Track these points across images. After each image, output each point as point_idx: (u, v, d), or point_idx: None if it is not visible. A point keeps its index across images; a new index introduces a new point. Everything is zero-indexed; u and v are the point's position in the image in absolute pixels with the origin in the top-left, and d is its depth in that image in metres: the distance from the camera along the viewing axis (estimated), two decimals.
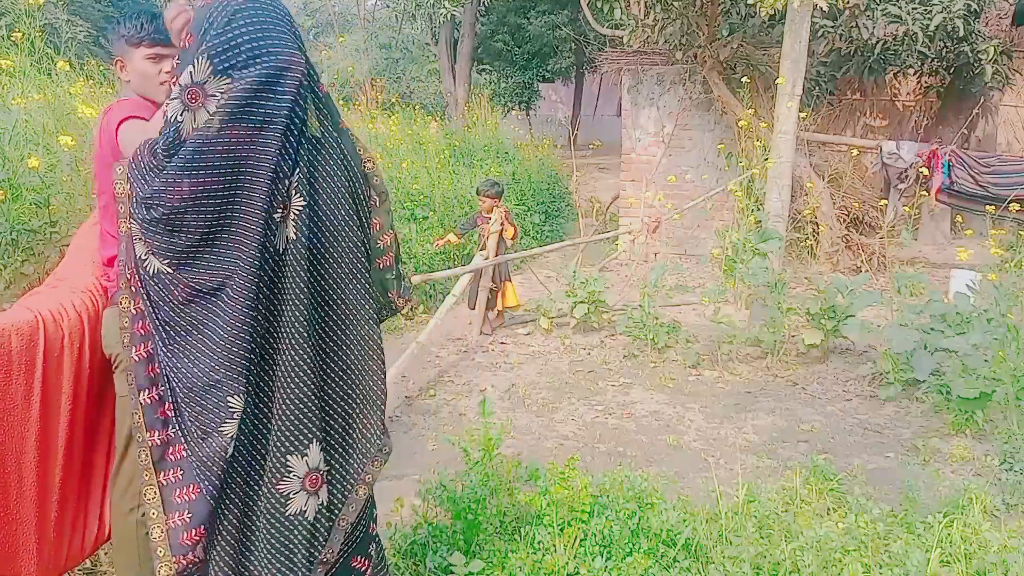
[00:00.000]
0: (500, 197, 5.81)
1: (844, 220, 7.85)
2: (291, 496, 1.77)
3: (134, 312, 1.77)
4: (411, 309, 5.80)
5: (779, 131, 6.01)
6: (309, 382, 1.76)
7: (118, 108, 2.11)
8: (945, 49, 7.87)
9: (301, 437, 1.77)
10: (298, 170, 1.73)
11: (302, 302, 1.75)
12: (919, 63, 8.18)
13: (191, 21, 1.77)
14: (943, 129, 8.61)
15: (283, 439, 1.76)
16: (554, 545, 2.50)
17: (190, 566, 1.74)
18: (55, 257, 3.33)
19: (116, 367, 2.09)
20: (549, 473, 2.78)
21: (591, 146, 11.29)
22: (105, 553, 2.48)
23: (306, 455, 1.78)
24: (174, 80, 1.87)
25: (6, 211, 3.33)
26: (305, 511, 1.79)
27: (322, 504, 1.83)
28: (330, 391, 1.86)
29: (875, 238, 7.64)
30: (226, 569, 1.77)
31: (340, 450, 1.89)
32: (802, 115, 6.47)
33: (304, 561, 1.79)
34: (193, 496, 1.72)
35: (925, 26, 7.03)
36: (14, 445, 1.94)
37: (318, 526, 1.82)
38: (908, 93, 9.12)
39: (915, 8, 7.10)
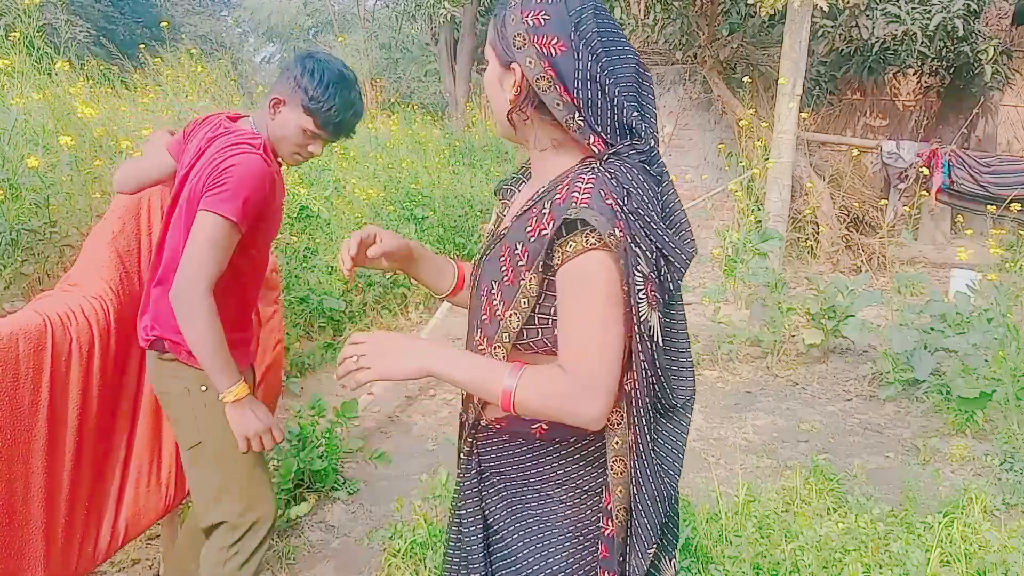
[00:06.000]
0: None
1: (844, 220, 7.85)
2: None
3: None
4: (411, 308, 5.80)
5: (779, 131, 6.02)
6: None
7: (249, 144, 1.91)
8: (945, 49, 7.88)
9: None
10: None
11: None
12: (919, 63, 8.19)
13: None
14: (943, 129, 8.61)
15: None
16: None
17: None
18: (55, 257, 3.32)
19: None
20: None
21: None
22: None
23: None
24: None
25: (6, 211, 3.33)
26: None
27: None
28: None
29: (875, 238, 7.64)
30: None
31: None
32: (802, 115, 6.47)
33: None
34: None
35: (924, 26, 7.03)
36: (21, 448, 1.94)
37: None
38: (908, 93, 9.13)
39: (914, 8, 7.10)
